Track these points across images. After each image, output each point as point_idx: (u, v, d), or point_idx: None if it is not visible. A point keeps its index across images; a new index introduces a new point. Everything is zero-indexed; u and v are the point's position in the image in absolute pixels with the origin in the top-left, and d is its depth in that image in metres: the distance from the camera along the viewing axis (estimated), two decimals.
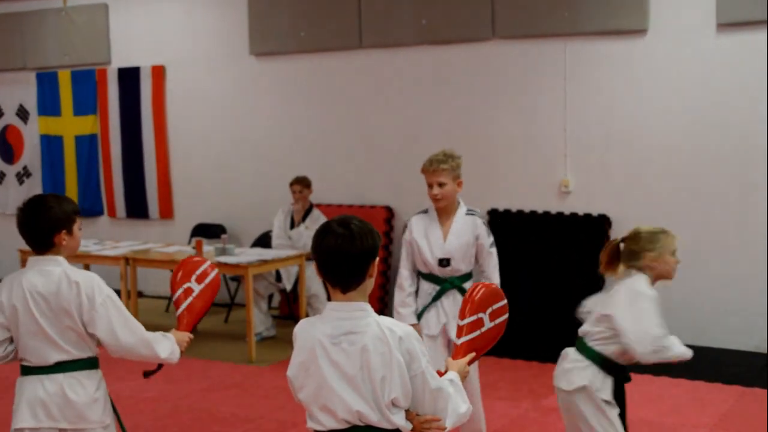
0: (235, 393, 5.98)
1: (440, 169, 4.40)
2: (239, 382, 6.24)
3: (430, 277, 4.49)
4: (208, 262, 3.54)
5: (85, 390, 3.18)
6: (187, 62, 8.83)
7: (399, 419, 2.51)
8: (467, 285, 4.52)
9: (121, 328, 3.15)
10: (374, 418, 2.49)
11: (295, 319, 7.52)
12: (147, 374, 3.45)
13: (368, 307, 2.55)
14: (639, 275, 3.61)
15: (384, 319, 2.53)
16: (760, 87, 6.45)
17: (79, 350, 3.17)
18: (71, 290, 3.11)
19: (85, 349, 3.19)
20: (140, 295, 8.75)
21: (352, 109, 8.07)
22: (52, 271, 3.15)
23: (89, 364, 3.22)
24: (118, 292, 7.46)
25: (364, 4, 7.82)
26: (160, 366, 3.37)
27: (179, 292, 3.43)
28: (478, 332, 2.96)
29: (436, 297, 4.47)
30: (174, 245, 7.88)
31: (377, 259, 2.56)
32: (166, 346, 3.25)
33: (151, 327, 3.34)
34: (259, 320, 7.30)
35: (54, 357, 3.14)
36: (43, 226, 3.16)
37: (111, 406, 3.31)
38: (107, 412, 3.26)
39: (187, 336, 3.35)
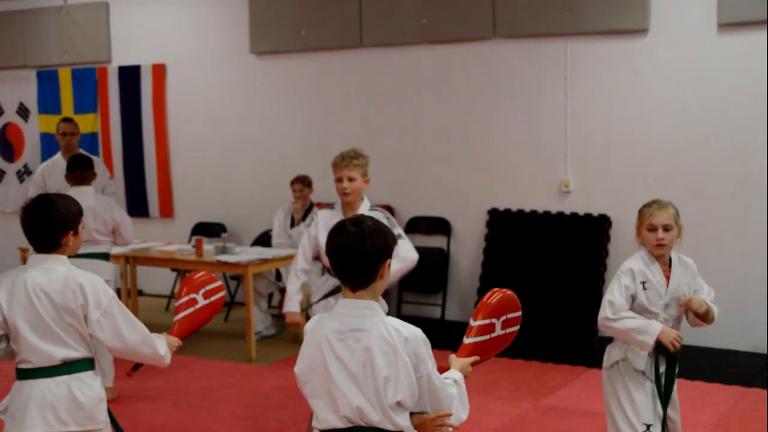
0: (235, 392, 5.98)
1: (352, 164, 4.54)
2: (239, 381, 6.24)
3: (331, 273, 4.46)
4: (220, 283, 3.56)
5: (93, 390, 3.15)
6: (188, 61, 8.83)
7: (403, 420, 2.51)
8: None
9: (127, 328, 3.13)
10: (375, 417, 2.49)
11: None
12: (135, 368, 3.46)
13: (377, 306, 2.56)
14: (637, 252, 3.88)
15: (391, 320, 2.54)
16: (760, 87, 6.45)
17: (82, 348, 3.14)
18: (76, 292, 3.08)
19: (86, 348, 3.16)
20: (140, 293, 8.75)
21: (352, 108, 8.07)
22: (57, 270, 3.11)
23: (90, 364, 3.19)
24: (118, 290, 7.50)
25: (364, 3, 7.82)
26: (140, 365, 3.40)
27: (184, 299, 3.43)
28: (487, 336, 2.94)
29: (331, 293, 4.53)
30: (174, 244, 7.88)
31: (389, 260, 2.57)
32: (163, 344, 3.26)
33: (151, 326, 3.33)
34: (259, 319, 7.30)
35: (60, 354, 3.09)
36: (52, 227, 3.12)
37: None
38: (107, 412, 3.25)
39: (177, 341, 3.35)
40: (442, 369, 2.80)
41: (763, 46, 6.41)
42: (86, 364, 3.17)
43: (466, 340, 2.92)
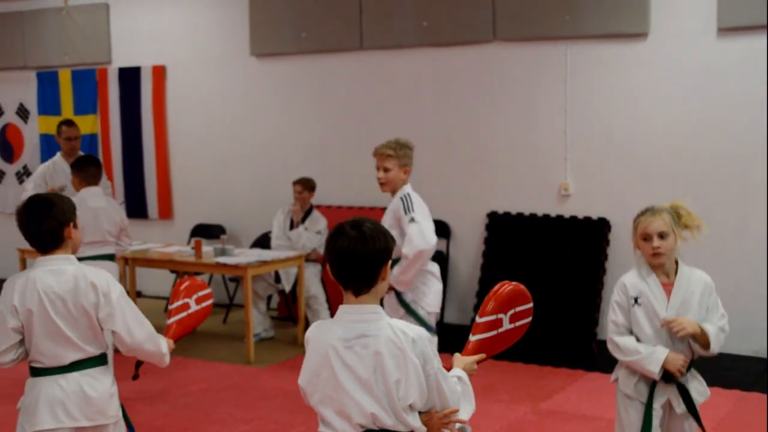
0: (233, 394, 5.98)
1: (385, 154, 4.75)
2: (237, 382, 6.23)
3: None
4: (210, 290, 3.68)
5: (103, 385, 3.19)
6: (188, 62, 8.83)
7: (414, 421, 2.50)
8: None
9: (135, 323, 3.18)
10: (389, 422, 2.46)
11: (294, 321, 7.51)
12: (136, 375, 3.53)
13: (380, 309, 2.52)
14: (636, 264, 3.66)
15: (396, 322, 2.51)
16: (760, 91, 6.45)
17: (95, 348, 3.18)
18: (87, 291, 3.10)
19: (99, 346, 3.20)
20: (139, 295, 8.74)
21: (352, 111, 8.07)
22: (65, 270, 3.13)
23: (102, 359, 3.22)
24: None
25: (365, 5, 7.82)
26: (139, 364, 3.49)
27: (177, 304, 3.53)
28: (494, 332, 2.86)
29: None
30: (173, 245, 7.87)
31: (389, 262, 2.53)
32: (164, 343, 3.33)
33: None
34: (258, 321, 7.29)
35: (70, 357, 3.13)
36: (53, 222, 3.13)
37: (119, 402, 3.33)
38: (118, 407, 3.29)
39: (171, 343, 3.41)
40: (446, 369, 2.78)
41: (763, 50, 6.41)
42: (97, 361, 3.20)
43: (472, 338, 2.84)
